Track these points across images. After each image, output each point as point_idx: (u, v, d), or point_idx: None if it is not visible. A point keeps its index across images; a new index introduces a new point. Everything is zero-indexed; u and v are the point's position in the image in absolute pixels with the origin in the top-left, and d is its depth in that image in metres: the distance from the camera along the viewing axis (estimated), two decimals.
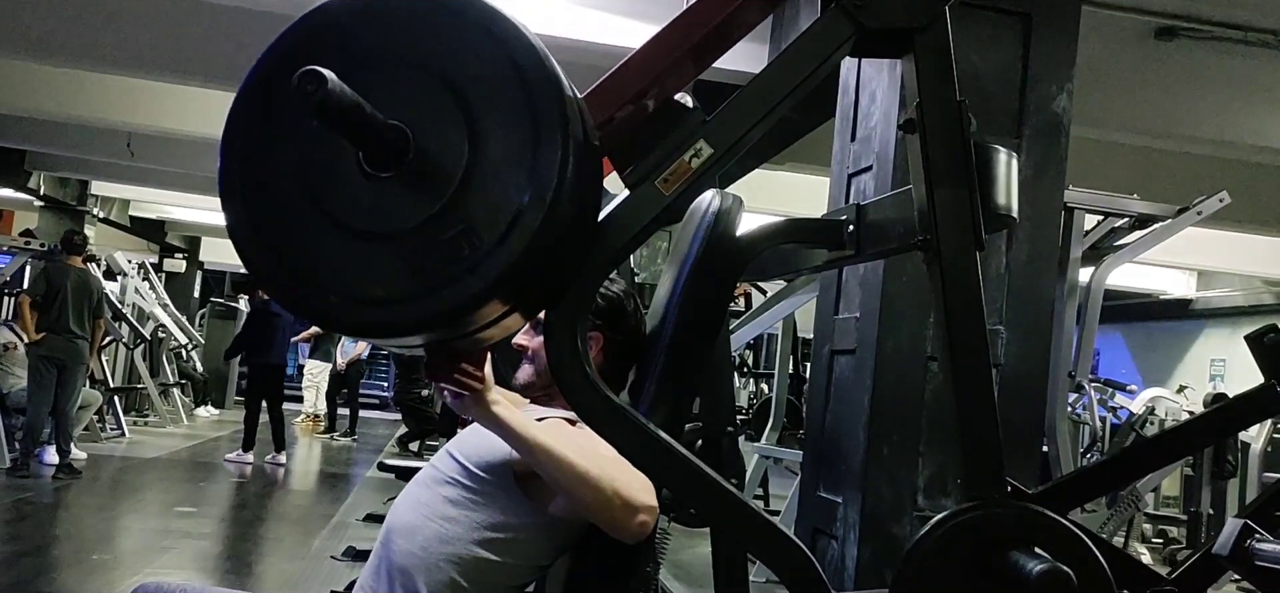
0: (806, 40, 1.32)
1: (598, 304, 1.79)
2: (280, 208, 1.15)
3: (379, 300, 1.13)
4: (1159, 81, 5.38)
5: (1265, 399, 1.64)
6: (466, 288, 1.11)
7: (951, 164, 1.32)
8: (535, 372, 1.80)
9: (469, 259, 1.11)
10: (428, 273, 1.12)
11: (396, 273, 1.12)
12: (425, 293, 1.12)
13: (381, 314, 1.14)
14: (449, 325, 1.17)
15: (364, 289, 1.13)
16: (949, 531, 1.32)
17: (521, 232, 1.10)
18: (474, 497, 1.68)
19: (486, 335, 1.28)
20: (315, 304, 1.15)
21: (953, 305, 1.32)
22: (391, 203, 1.12)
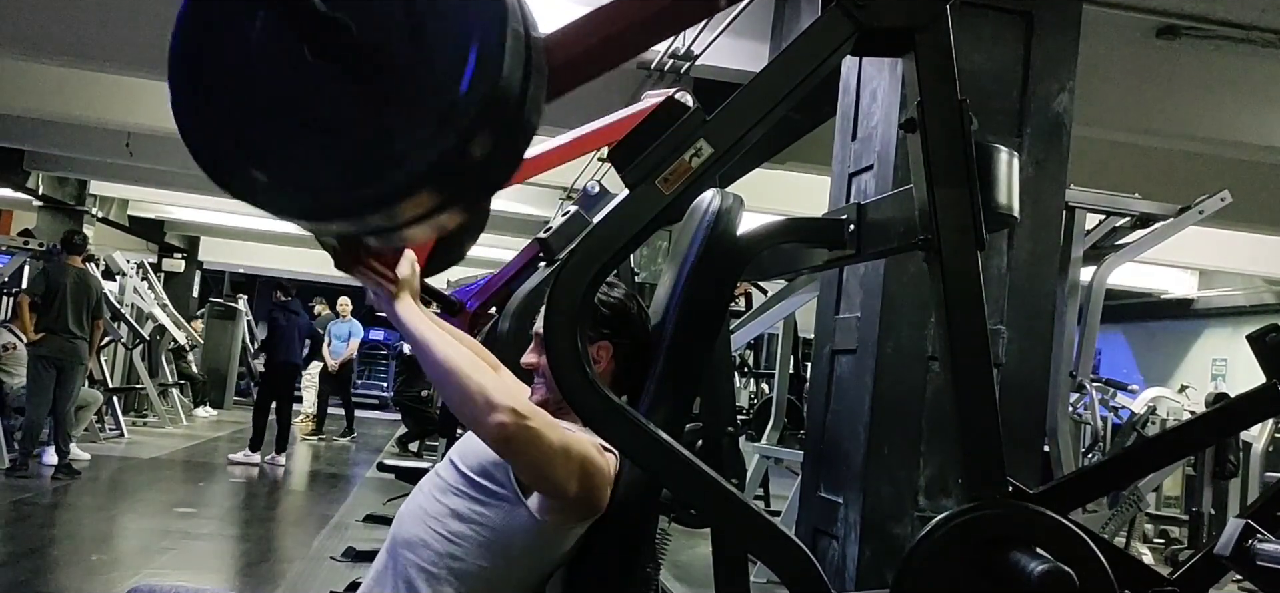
0: (807, 40, 1.32)
1: (602, 312, 1.77)
2: (222, 86, 1.17)
3: (305, 184, 1.16)
4: (1160, 81, 5.38)
5: (1267, 399, 1.63)
6: (394, 178, 1.13)
7: (952, 163, 1.32)
8: (547, 388, 1.78)
9: (398, 150, 1.12)
10: (357, 161, 1.14)
11: (324, 159, 1.15)
12: (348, 182, 1.14)
13: (306, 197, 1.16)
14: (375, 215, 1.18)
15: (292, 171, 1.16)
16: (950, 531, 1.31)
17: (452, 126, 1.12)
18: (476, 507, 1.68)
19: (413, 232, 1.28)
20: (242, 180, 1.16)
21: (953, 305, 1.32)
22: (328, 90, 1.14)
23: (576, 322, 1.29)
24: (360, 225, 1.26)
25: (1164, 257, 9.42)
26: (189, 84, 1.18)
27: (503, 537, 1.66)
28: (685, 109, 1.34)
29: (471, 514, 1.68)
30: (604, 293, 1.78)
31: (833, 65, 1.35)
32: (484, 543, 1.66)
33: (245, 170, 1.16)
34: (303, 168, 1.16)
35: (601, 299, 1.77)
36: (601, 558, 1.64)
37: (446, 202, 1.21)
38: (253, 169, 1.16)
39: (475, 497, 1.69)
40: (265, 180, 1.16)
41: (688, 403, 1.72)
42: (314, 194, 1.16)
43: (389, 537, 1.77)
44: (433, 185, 1.15)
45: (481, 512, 1.68)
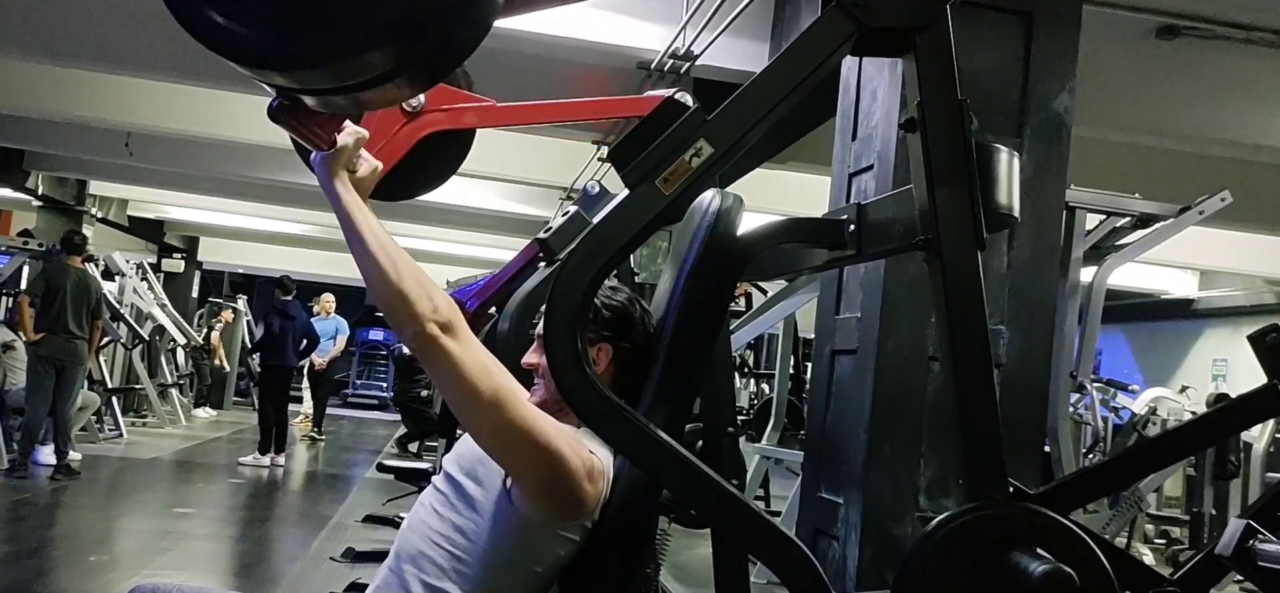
0: (807, 40, 1.32)
1: (603, 314, 1.76)
2: None
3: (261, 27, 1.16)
4: (1161, 81, 5.38)
5: (1267, 399, 1.63)
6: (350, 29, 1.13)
7: (953, 163, 1.32)
8: (547, 390, 1.77)
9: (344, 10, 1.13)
10: (306, 13, 1.15)
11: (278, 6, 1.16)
12: (298, 31, 1.15)
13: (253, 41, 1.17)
14: (320, 69, 1.19)
15: (244, 16, 1.16)
16: (951, 531, 1.31)
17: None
18: (471, 517, 1.68)
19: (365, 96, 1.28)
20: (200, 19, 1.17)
21: (954, 305, 1.32)
22: None
23: (576, 322, 1.29)
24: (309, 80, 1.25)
25: (1164, 257, 9.41)
26: None
27: (498, 543, 1.65)
28: (685, 109, 1.34)
29: (468, 526, 1.67)
30: (607, 296, 1.78)
31: (833, 65, 1.35)
32: (482, 554, 1.65)
33: (202, 9, 1.17)
34: (260, 14, 1.16)
35: (604, 302, 1.77)
36: (601, 559, 1.63)
37: (399, 66, 1.20)
38: (210, 9, 1.17)
39: (468, 505, 1.69)
40: (221, 22, 1.16)
41: (688, 403, 1.72)
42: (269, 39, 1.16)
43: (392, 552, 1.76)
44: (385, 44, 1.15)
45: (475, 520, 1.67)
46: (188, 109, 7.66)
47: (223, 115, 7.62)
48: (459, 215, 11.05)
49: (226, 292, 19.18)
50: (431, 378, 1.58)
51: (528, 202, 10.02)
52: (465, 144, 2.41)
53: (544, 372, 1.78)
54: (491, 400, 1.50)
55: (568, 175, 7.86)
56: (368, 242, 1.48)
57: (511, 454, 1.57)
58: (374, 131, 1.69)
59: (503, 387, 1.52)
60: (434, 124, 2.13)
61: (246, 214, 13.43)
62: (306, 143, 1.47)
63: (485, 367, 1.50)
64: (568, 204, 4.58)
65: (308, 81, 1.26)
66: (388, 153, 1.99)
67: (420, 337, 1.46)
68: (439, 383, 1.56)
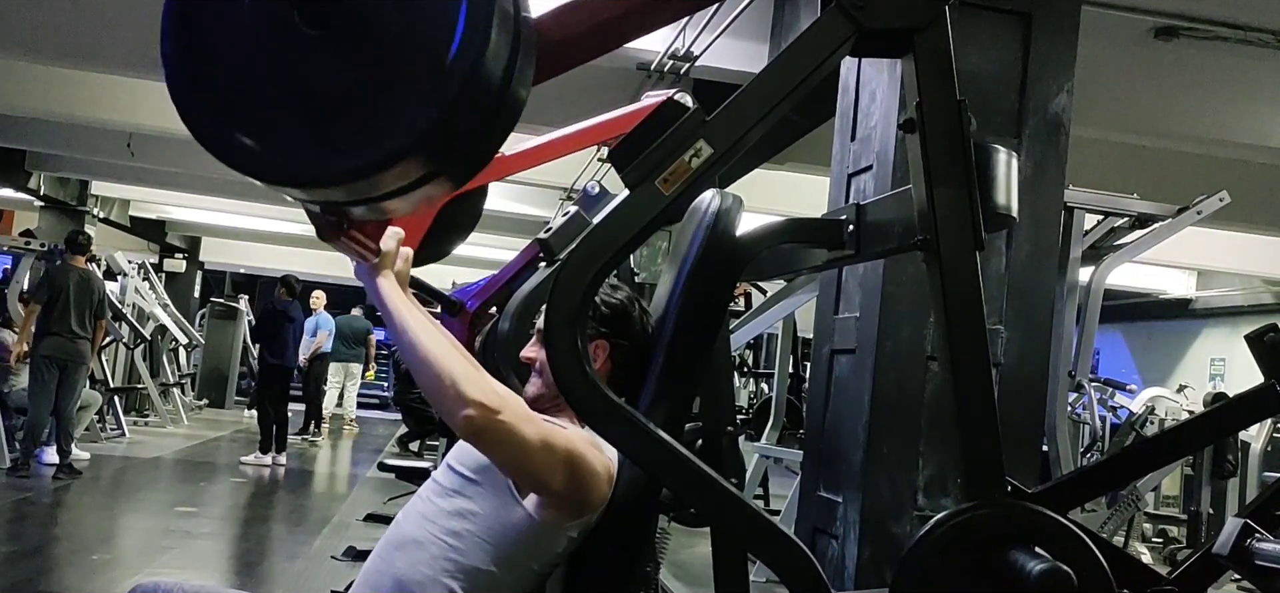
0: (806, 40, 1.33)
1: (603, 312, 1.77)
2: (214, 48, 1.18)
3: (291, 150, 1.16)
4: (1159, 81, 5.38)
5: (1265, 399, 1.64)
6: (379, 146, 1.14)
7: (951, 164, 1.32)
8: (543, 384, 1.79)
9: (380, 123, 1.13)
10: (341, 130, 1.15)
11: (312, 126, 1.16)
12: (335, 150, 1.15)
13: (291, 162, 1.17)
14: (359, 183, 1.19)
15: (278, 136, 1.16)
16: (949, 530, 1.32)
17: (438, 96, 1.12)
18: (473, 508, 1.68)
19: (391, 206, 1.29)
20: (228, 140, 1.17)
21: (953, 305, 1.32)
22: (317, 59, 1.15)
23: (576, 321, 1.29)
24: (344, 194, 1.26)
25: (1162, 257, 9.42)
26: (180, 47, 1.19)
27: (500, 536, 1.66)
28: (685, 109, 1.34)
29: (468, 515, 1.68)
30: (607, 294, 1.79)
31: (832, 66, 1.36)
32: (481, 544, 1.66)
33: (233, 135, 1.17)
34: (289, 134, 1.16)
35: (603, 299, 1.78)
36: (601, 558, 1.64)
37: (432, 173, 1.21)
38: (240, 134, 1.17)
39: (472, 498, 1.69)
40: (252, 146, 1.16)
41: (688, 403, 1.72)
42: (299, 161, 1.17)
43: (382, 541, 1.77)
44: (418, 156, 1.16)
45: (478, 512, 1.68)
46: None
47: None
48: None
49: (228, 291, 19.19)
50: (487, 453, 1.61)
51: (528, 202, 10.02)
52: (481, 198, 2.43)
53: (542, 367, 1.80)
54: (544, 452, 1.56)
55: (568, 175, 7.87)
56: (419, 340, 1.54)
57: (553, 481, 1.60)
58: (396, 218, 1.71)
59: (548, 434, 1.57)
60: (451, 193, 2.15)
61: (248, 214, 13.42)
62: (357, 257, 1.52)
63: (533, 423, 1.56)
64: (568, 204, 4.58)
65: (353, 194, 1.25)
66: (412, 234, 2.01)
67: (473, 422, 1.51)
68: (495, 456, 1.61)
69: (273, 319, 9.93)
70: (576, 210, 3.04)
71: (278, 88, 1.17)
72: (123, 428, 10.38)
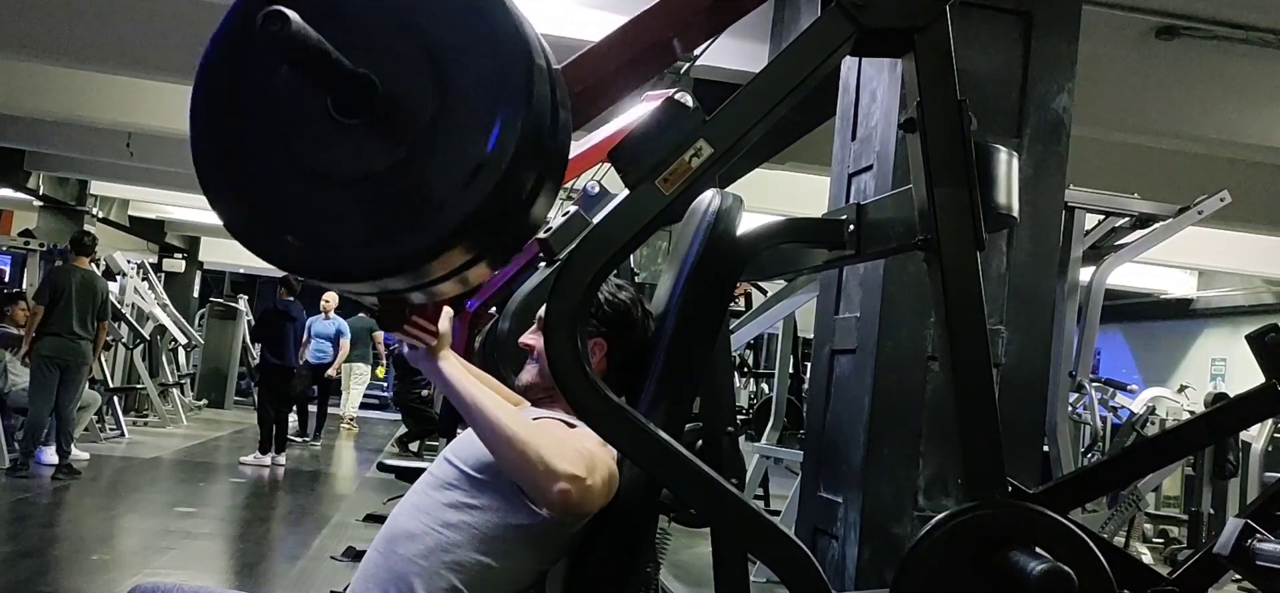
0: (807, 40, 1.32)
1: (604, 310, 1.77)
2: (247, 145, 1.16)
3: (337, 244, 1.14)
4: (1160, 81, 5.38)
5: (1266, 399, 1.64)
6: (423, 237, 1.12)
7: (952, 164, 1.32)
8: (538, 373, 1.79)
9: (428, 209, 1.11)
10: (387, 219, 1.13)
11: (357, 218, 1.13)
12: (383, 239, 1.13)
13: (338, 258, 1.15)
14: (405, 274, 1.18)
15: (323, 232, 1.14)
16: (949, 530, 1.31)
17: (482, 183, 1.11)
18: (472, 502, 1.68)
19: (444, 288, 1.28)
20: (271, 243, 1.15)
21: (953, 305, 1.32)
22: (356, 148, 1.13)
23: (576, 321, 1.29)
24: (397, 284, 1.23)
25: (1163, 257, 9.42)
26: (214, 150, 1.16)
27: (500, 533, 1.65)
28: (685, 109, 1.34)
29: (468, 510, 1.67)
30: (610, 293, 1.79)
31: (832, 65, 1.35)
32: (480, 538, 1.65)
33: (277, 235, 1.14)
34: (334, 228, 1.13)
35: (607, 298, 1.78)
36: (601, 558, 1.64)
37: (483, 253, 1.19)
38: (284, 234, 1.14)
39: (472, 493, 1.69)
40: (298, 244, 1.14)
41: (688, 403, 1.72)
42: (347, 255, 1.14)
43: (380, 536, 1.76)
44: (467, 240, 1.13)
45: (478, 508, 1.67)
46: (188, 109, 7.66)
47: None
48: None
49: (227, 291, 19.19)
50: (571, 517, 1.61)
51: None
52: None
53: (539, 354, 1.80)
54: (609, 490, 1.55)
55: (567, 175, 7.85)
56: (499, 418, 1.54)
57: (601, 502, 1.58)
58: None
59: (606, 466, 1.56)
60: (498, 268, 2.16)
61: None
62: (419, 343, 1.50)
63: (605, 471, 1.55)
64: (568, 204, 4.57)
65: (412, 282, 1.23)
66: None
67: (568, 497, 1.50)
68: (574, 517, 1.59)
69: (273, 319, 9.90)
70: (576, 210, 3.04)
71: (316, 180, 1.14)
72: (122, 428, 10.38)
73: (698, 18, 1.37)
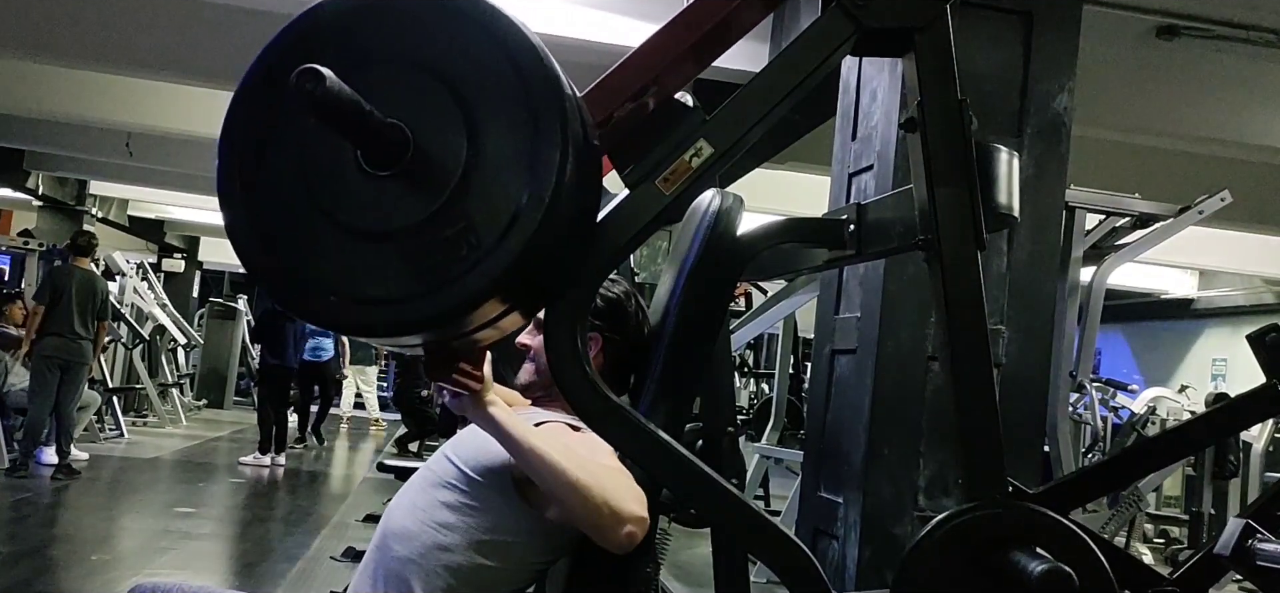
0: (807, 39, 1.32)
1: (598, 305, 1.77)
2: (279, 205, 1.15)
3: (378, 300, 1.13)
4: (1161, 81, 5.38)
5: (1267, 399, 1.64)
6: (465, 287, 1.11)
7: (952, 163, 1.32)
8: (536, 371, 1.79)
9: (468, 258, 1.10)
10: (426, 272, 1.11)
11: (395, 272, 1.12)
12: (424, 292, 1.12)
13: (380, 313, 1.14)
14: (447, 325, 1.17)
15: (362, 288, 1.13)
16: (950, 530, 1.31)
17: (520, 231, 1.10)
18: (470, 502, 1.67)
19: (484, 335, 1.27)
20: (314, 303, 1.15)
21: (953, 305, 1.32)
22: (390, 201, 1.12)
23: (576, 321, 1.29)
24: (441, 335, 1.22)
25: (1164, 257, 9.41)
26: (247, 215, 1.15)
27: (498, 533, 1.65)
28: (685, 109, 1.34)
29: (466, 509, 1.66)
30: (604, 287, 1.78)
31: (833, 65, 1.35)
32: (478, 539, 1.65)
33: (321, 297, 1.14)
34: (376, 284, 1.12)
35: (600, 292, 1.77)
36: (601, 558, 1.63)
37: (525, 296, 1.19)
38: (328, 295, 1.13)
39: (471, 492, 1.68)
40: (341, 303, 1.13)
41: (688, 403, 1.72)
42: (390, 311, 1.13)
43: (377, 532, 1.75)
44: (506, 289, 1.12)
45: (477, 507, 1.66)
46: (188, 109, 7.66)
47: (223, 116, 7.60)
48: None
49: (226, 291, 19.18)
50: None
51: None
52: None
53: (536, 353, 1.79)
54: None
55: None
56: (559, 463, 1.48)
57: None
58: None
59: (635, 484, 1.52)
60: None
61: None
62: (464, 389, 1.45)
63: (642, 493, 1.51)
64: None
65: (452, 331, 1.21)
66: None
67: (634, 538, 1.47)
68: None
69: (273, 320, 9.89)
70: None
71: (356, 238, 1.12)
72: (121, 428, 10.38)
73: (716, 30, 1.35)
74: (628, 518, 1.46)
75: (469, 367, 1.43)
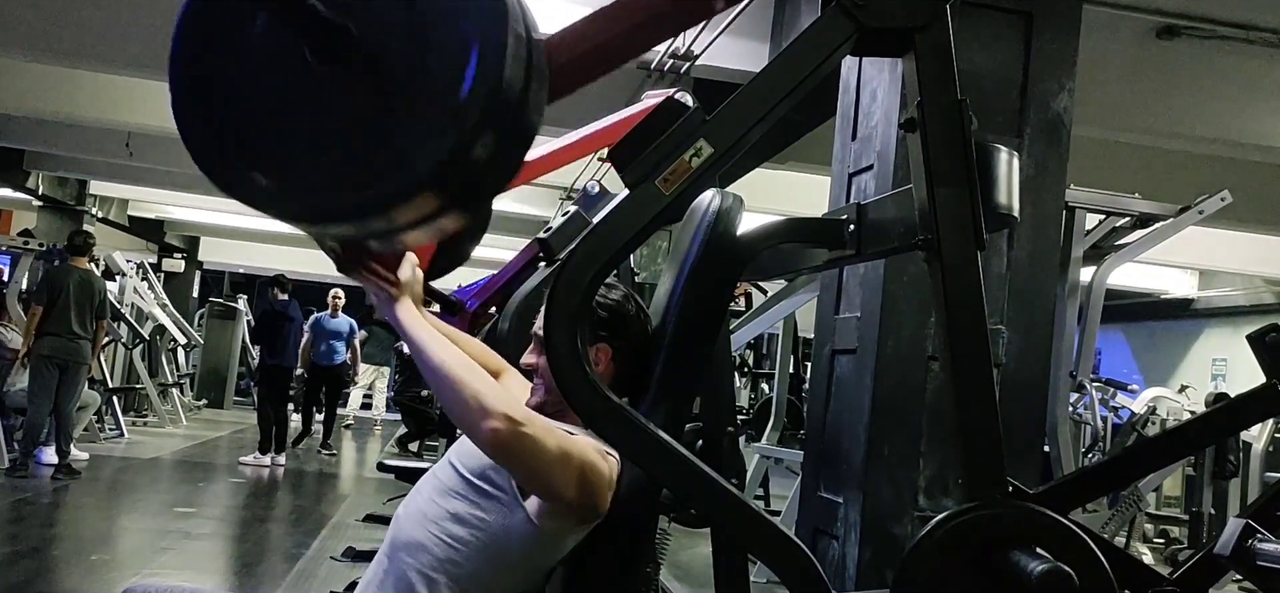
0: (807, 39, 1.32)
1: (600, 315, 1.75)
2: (223, 85, 1.18)
3: (306, 187, 1.16)
4: (1160, 80, 5.38)
5: (1267, 399, 1.64)
6: (395, 182, 1.13)
7: (952, 163, 1.32)
8: (546, 390, 1.76)
9: (399, 154, 1.13)
10: (360, 163, 1.14)
11: (328, 162, 1.15)
12: (354, 183, 1.14)
13: (307, 201, 1.17)
14: (376, 217, 1.19)
15: (294, 173, 1.16)
16: (950, 530, 1.31)
17: (454, 129, 1.12)
18: (475, 510, 1.67)
19: (416, 235, 1.29)
20: (243, 184, 1.17)
21: (953, 305, 1.32)
22: (331, 94, 1.14)
23: (576, 322, 1.29)
24: (361, 229, 1.26)
25: (1164, 257, 9.42)
26: (190, 87, 1.18)
27: (501, 540, 1.65)
28: (685, 109, 1.34)
29: (470, 518, 1.67)
30: (602, 294, 1.77)
31: (833, 65, 1.35)
32: (482, 547, 1.65)
33: (246, 174, 1.17)
34: (303, 171, 1.16)
35: (599, 301, 1.76)
36: (601, 559, 1.64)
37: (449, 204, 1.21)
38: (253, 172, 1.16)
39: (473, 500, 1.68)
40: (266, 184, 1.16)
41: (688, 403, 1.72)
42: (315, 198, 1.16)
43: (387, 540, 1.76)
44: (434, 188, 1.15)
45: (480, 515, 1.67)
46: None
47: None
48: None
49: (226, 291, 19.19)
50: (508, 467, 1.63)
51: (528, 202, 10.02)
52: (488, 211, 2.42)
53: (543, 371, 1.78)
54: (562, 463, 1.57)
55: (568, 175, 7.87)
56: (443, 361, 1.57)
57: (567, 492, 1.60)
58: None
59: (567, 446, 1.58)
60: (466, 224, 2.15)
61: (247, 214, 13.34)
62: (379, 291, 1.55)
63: (553, 433, 1.58)
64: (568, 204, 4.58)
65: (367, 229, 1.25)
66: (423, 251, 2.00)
67: (498, 435, 1.52)
68: (516, 468, 1.62)
69: (271, 320, 9.90)
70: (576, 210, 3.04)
71: (291, 124, 1.16)
72: (121, 428, 10.38)
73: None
74: (494, 415, 1.52)
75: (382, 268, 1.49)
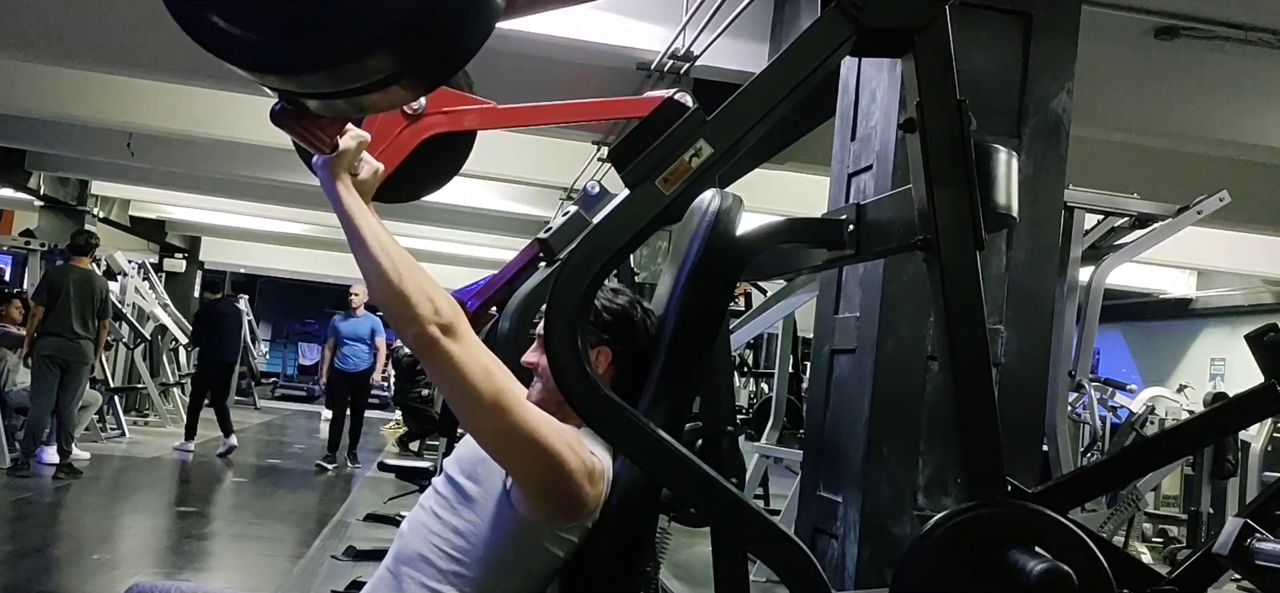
0: (806, 40, 1.33)
1: (603, 318, 1.75)
2: None
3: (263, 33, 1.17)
4: (1159, 81, 5.38)
5: (1265, 398, 1.64)
6: (351, 35, 1.14)
7: (951, 164, 1.32)
8: (545, 389, 1.75)
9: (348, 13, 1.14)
10: (313, 16, 1.15)
11: (282, 11, 1.17)
12: (301, 36, 1.16)
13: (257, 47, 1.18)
14: (325, 73, 1.20)
15: (246, 20, 1.17)
16: (949, 530, 1.32)
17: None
18: (471, 519, 1.68)
19: (370, 99, 1.29)
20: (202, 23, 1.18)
21: (953, 305, 1.32)
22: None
23: (577, 322, 1.29)
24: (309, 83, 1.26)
25: (1162, 257, 9.42)
26: None
27: (497, 545, 1.65)
28: (685, 109, 1.35)
29: (467, 528, 1.67)
30: (608, 299, 1.77)
31: (832, 66, 1.36)
32: (481, 556, 1.65)
33: (204, 13, 1.18)
34: (262, 19, 1.17)
35: (605, 304, 1.76)
36: (601, 559, 1.64)
37: (401, 71, 1.21)
38: (212, 14, 1.17)
39: (467, 507, 1.69)
40: (223, 26, 1.17)
41: (688, 403, 1.72)
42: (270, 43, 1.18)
43: (391, 554, 1.76)
44: (388, 49, 1.16)
45: (474, 523, 1.67)
46: (189, 109, 7.67)
47: (224, 115, 7.63)
48: (460, 215, 11.04)
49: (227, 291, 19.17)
50: (433, 380, 1.59)
51: (528, 202, 10.02)
52: (466, 146, 2.42)
53: (543, 371, 1.78)
54: (493, 403, 1.51)
55: (568, 175, 7.87)
56: (369, 243, 1.48)
57: (512, 456, 1.57)
58: (375, 134, 1.69)
59: (504, 389, 1.53)
60: (435, 126, 2.14)
61: (248, 214, 13.43)
62: (309, 146, 1.48)
63: (487, 369, 1.51)
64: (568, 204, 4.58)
65: (308, 86, 1.26)
66: (389, 156, 2.00)
67: (422, 338, 1.46)
68: (440, 384, 1.57)
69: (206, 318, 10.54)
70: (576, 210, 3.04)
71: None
72: (123, 428, 10.39)
73: None
74: (422, 319, 1.45)
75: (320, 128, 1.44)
